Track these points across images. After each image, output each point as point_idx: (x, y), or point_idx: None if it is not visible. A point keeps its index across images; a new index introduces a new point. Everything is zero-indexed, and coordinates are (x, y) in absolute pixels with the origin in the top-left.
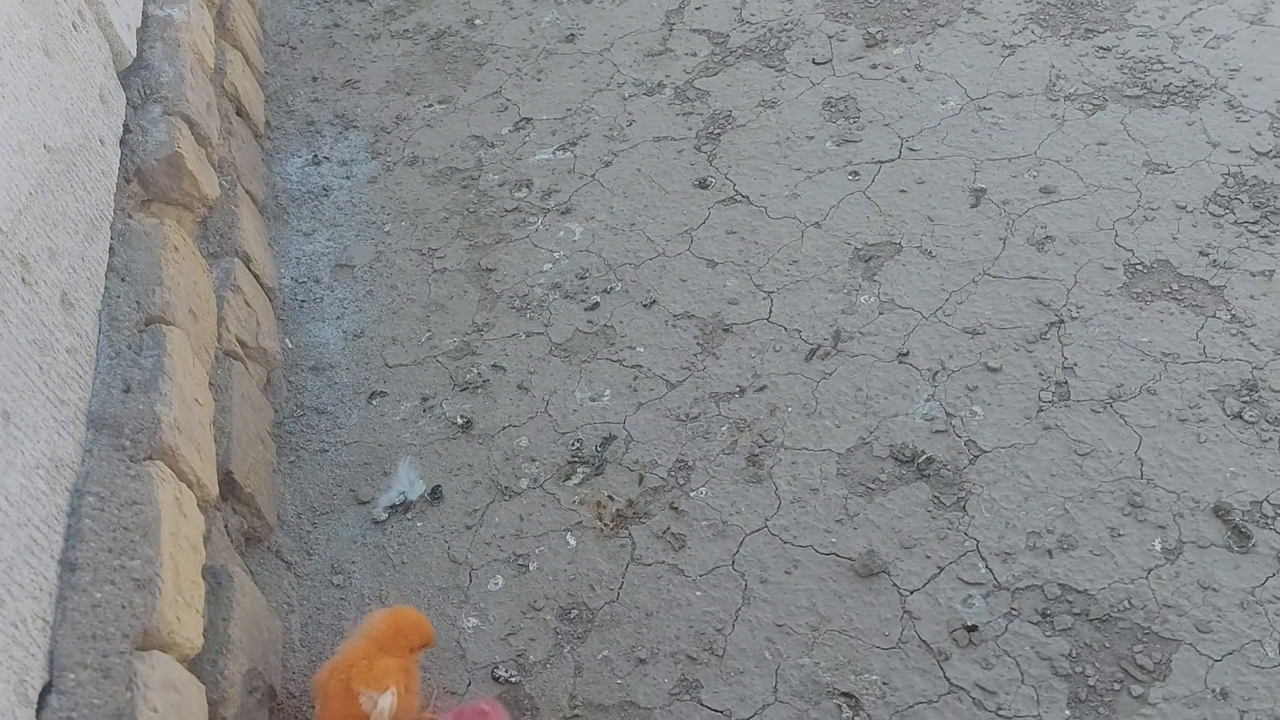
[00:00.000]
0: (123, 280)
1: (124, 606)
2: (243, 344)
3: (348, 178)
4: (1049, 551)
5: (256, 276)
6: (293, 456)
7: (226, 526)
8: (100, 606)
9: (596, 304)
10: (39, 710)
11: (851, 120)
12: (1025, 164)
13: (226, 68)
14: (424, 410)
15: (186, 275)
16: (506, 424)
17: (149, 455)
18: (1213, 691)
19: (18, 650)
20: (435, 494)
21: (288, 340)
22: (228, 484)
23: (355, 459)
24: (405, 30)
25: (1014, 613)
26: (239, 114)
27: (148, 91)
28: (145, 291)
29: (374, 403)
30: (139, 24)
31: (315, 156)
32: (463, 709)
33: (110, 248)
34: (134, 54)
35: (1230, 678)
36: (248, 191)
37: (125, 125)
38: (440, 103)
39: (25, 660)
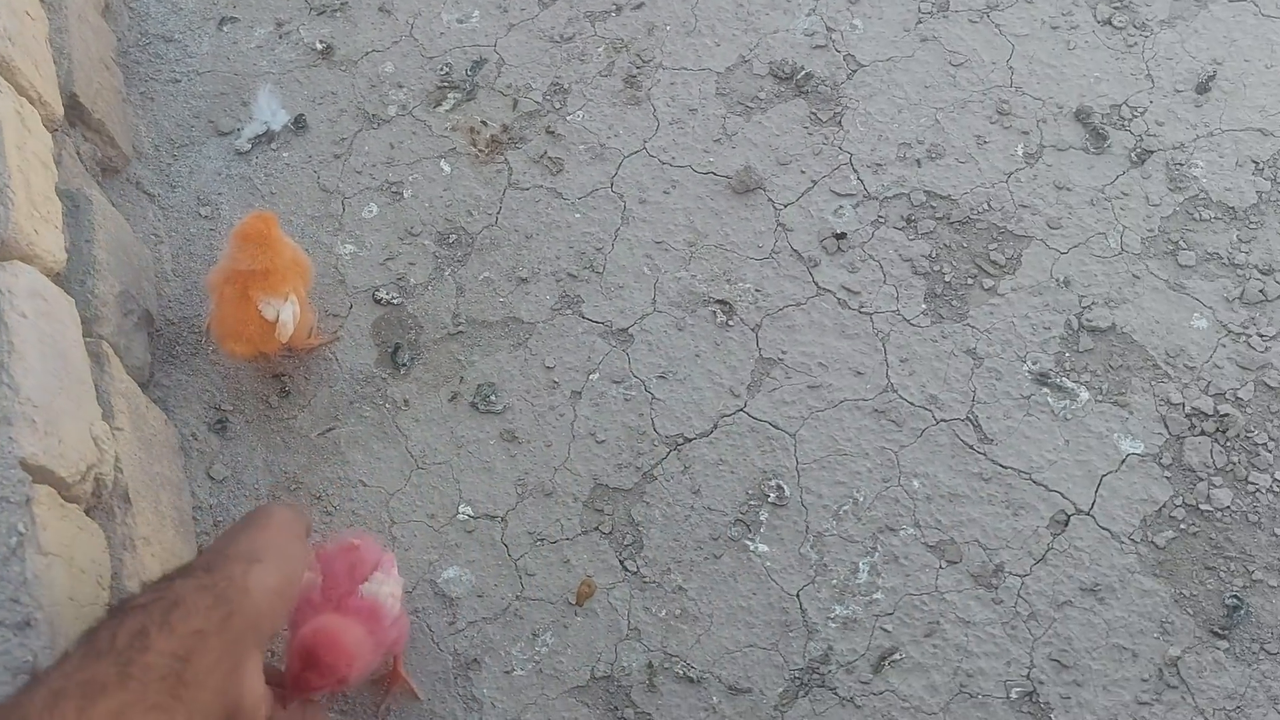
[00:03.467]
0: None
1: None
2: None
3: None
4: (918, 161)
5: None
6: (142, 87)
7: (79, 153)
8: None
9: None
10: None
11: None
12: None
13: None
14: (279, 36)
15: None
16: (370, 49)
17: None
18: (1057, 280)
19: None
20: (299, 123)
21: None
22: (74, 108)
23: (211, 89)
24: None
25: (881, 220)
26: None
27: None
28: None
29: (225, 29)
30: None
31: None
32: (329, 548)
33: None
34: None
35: (1074, 267)
36: None
37: None
38: None
39: None
